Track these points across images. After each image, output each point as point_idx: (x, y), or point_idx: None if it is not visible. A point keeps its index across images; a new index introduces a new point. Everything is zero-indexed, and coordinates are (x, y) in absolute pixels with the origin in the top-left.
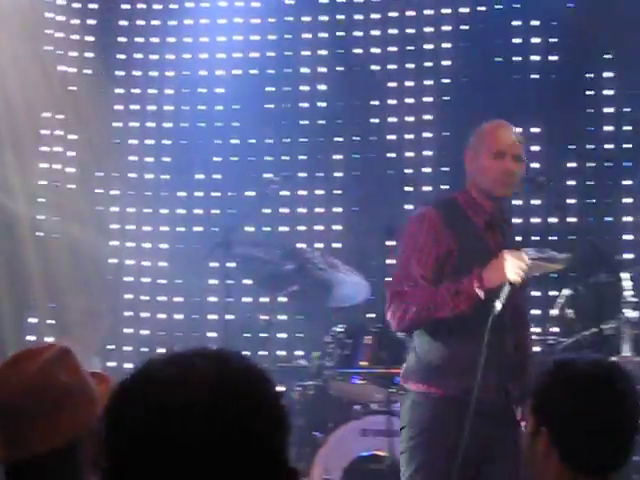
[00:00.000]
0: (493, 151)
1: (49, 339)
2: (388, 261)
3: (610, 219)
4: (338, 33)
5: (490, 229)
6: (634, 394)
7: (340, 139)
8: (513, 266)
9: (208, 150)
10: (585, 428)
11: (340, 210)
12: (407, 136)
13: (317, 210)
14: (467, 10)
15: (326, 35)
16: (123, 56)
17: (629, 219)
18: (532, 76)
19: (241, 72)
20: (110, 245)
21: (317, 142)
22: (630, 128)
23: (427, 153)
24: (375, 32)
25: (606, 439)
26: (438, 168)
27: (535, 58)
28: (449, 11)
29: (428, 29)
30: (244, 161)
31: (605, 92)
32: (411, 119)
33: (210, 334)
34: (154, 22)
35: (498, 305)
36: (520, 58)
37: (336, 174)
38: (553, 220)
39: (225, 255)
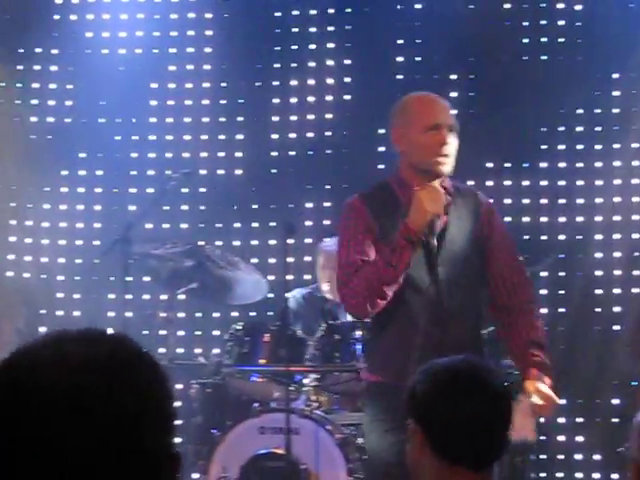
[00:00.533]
0: (428, 124)
1: None
2: (289, 259)
3: None
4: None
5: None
6: (503, 391)
7: (241, 136)
8: (428, 198)
9: (108, 146)
10: (457, 425)
11: (240, 208)
12: (308, 134)
13: (217, 207)
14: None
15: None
16: (22, 50)
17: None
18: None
19: (142, 68)
20: (9, 241)
21: (218, 140)
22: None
23: (328, 151)
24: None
25: (478, 435)
26: (340, 166)
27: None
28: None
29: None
30: (144, 157)
31: None
32: (312, 117)
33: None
34: (55, 17)
35: (433, 241)
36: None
37: (237, 171)
38: None
39: (124, 252)
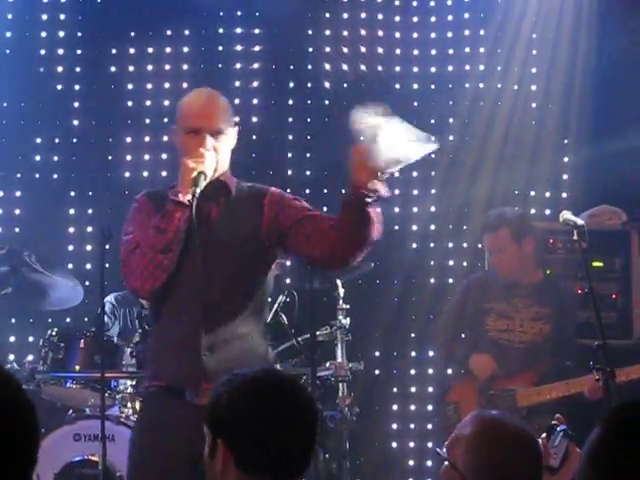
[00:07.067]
0: (186, 127)
1: None
2: (107, 265)
3: None
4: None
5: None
6: (310, 403)
7: (57, 140)
8: (192, 160)
9: None
10: (257, 436)
11: (57, 213)
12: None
13: (33, 212)
14: None
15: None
16: None
17: None
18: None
19: None
20: None
21: (35, 143)
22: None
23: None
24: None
25: (280, 446)
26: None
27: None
28: None
29: None
30: None
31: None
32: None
33: None
34: None
35: (197, 190)
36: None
37: (54, 175)
38: None
39: None
